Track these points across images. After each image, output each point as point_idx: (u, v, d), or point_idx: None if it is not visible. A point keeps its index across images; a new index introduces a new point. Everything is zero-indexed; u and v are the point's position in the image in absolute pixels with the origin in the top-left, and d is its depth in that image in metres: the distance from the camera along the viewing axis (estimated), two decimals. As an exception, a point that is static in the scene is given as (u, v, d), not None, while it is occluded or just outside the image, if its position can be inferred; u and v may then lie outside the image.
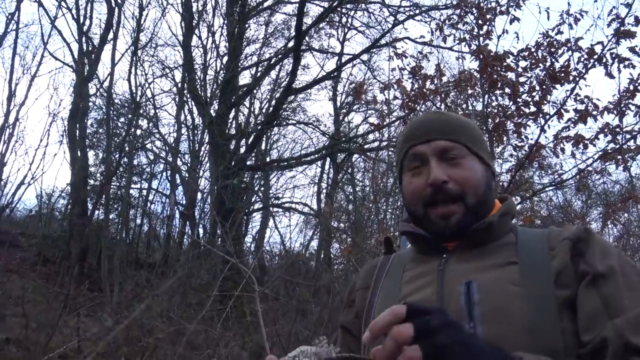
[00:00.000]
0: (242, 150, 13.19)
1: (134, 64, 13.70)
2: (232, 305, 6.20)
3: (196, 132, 14.75)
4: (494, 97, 5.17)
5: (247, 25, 13.95)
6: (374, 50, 13.79)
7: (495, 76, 4.98)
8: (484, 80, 5.07)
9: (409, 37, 10.41)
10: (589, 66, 4.61)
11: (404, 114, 5.68)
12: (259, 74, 14.97)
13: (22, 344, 5.51)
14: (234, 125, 14.32)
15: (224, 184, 10.69)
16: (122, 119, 14.10)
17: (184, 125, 15.15)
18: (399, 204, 8.10)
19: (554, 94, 4.97)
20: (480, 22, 5.18)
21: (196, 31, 14.05)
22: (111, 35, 13.09)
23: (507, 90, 5.01)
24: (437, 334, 0.69)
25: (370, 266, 1.24)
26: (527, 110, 4.98)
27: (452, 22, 5.56)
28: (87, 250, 10.64)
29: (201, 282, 7.43)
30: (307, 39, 13.31)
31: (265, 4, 14.71)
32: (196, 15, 13.95)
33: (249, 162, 13.38)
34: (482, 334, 0.88)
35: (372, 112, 14.91)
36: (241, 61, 14.03)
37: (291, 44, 13.06)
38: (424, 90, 5.49)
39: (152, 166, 15.09)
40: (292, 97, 14.30)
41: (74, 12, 13.21)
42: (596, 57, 4.56)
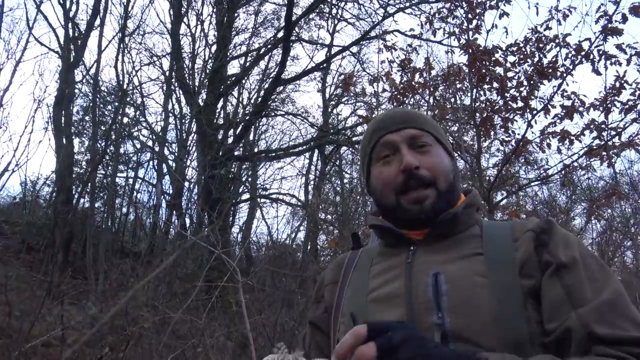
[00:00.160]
0: (230, 140, 13.13)
1: (121, 51, 13.52)
2: (218, 295, 6.20)
3: (184, 121, 14.64)
4: (482, 92, 5.21)
5: (236, 14, 13.84)
6: (364, 42, 13.74)
7: (483, 71, 5.01)
8: (472, 74, 5.10)
9: (398, 30, 10.43)
10: (577, 62, 4.66)
11: (392, 106, 5.69)
12: (247, 63, 14.89)
13: (5, 331, 5.45)
14: (222, 115, 14.27)
15: (211, 174, 10.64)
16: (108, 107, 13.94)
17: (171, 114, 15.03)
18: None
19: (542, 90, 5.03)
20: (469, 16, 5.21)
21: (185, 19, 13.95)
22: (98, 21, 12.87)
23: (495, 84, 5.05)
24: (400, 350, 0.71)
25: (338, 261, 1.24)
26: (514, 105, 5.03)
27: (441, 15, 5.58)
28: (72, 238, 10.54)
29: (187, 272, 7.41)
30: (296, 29, 13.22)
31: (255, -7, 14.61)
32: (185, 2, 13.81)
33: (236, 153, 13.32)
34: (450, 325, 0.90)
35: (361, 104, 14.91)
36: (230, 51, 13.93)
37: (281, 35, 12.97)
38: (413, 83, 5.51)
39: (139, 155, 14.94)
40: (281, 87, 14.22)
41: (60, -4, 12.99)
42: (583, 53, 4.61)
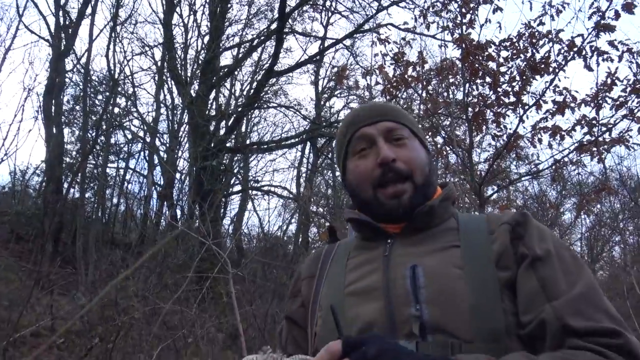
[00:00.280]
0: (222, 131, 13.05)
1: (113, 41, 13.36)
2: (209, 286, 6.20)
3: (175, 112, 14.53)
4: (474, 86, 5.22)
5: (229, 5, 13.70)
6: (357, 35, 13.69)
7: (476, 65, 5.02)
8: (465, 68, 5.11)
9: (392, 23, 10.40)
10: (569, 58, 4.68)
11: (385, 100, 5.70)
12: (240, 55, 14.78)
13: (-6, 321, 5.43)
14: (214, 106, 14.16)
15: (202, 165, 10.60)
16: (99, 97, 13.82)
17: (163, 104, 14.91)
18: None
19: (534, 85, 5.05)
20: (463, 10, 5.21)
21: (177, 9, 13.78)
22: (89, 9, 12.73)
23: (488, 79, 5.06)
24: None
25: (315, 255, 1.24)
26: (506, 100, 5.05)
27: (435, 9, 5.57)
28: (62, 228, 10.48)
29: (178, 263, 7.40)
30: (290, 21, 13.17)
31: (248, -16, 14.50)
32: (178, -8, 13.68)
33: (228, 144, 13.26)
34: (429, 316, 0.91)
35: (354, 97, 14.93)
36: (223, 41, 13.81)
37: (274, 26, 12.91)
38: (406, 76, 5.51)
39: (130, 145, 14.86)
40: (274, 79, 14.16)
41: (51, -16, 12.82)
42: (576, 49, 4.63)
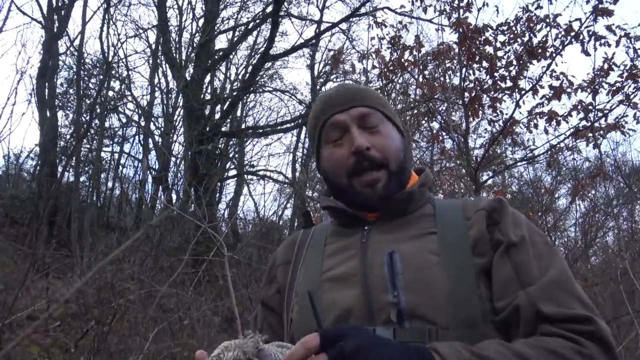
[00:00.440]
0: (217, 115, 12.98)
1: (106, 23, 13.24)
2: (205, 269, 6.22)
3: (170, 95, 14.47)
4: (471, 71, 5.21)
5: (224, -13, 13.59)
6: (354, 19, 13.59)
7: (473, 49, 5.00)
8: (462, 53, 5.09)
9: (389, 7, 10.37)
10: (566, 43, 4.67)
11: (382, 84, 5.68)
12: (235, 38, 14.65)
13: (-11, 304, 5.43)
14: (209, 90, 14.08)
15: (198, 149, 10.56)
16: (93, 80, 13.68)
17: (157, 88, 14.84)
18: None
19: (530, 70, 5.04)
20: (461, -7, 5.17)
21: (172, -9, 13.65)
22: (83, -9, 12.58)
23: (485, 64, 5.05)
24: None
25: (290, 241, 1.23)
26: (503, 85, 5.04)
27: (433, -8, 5.53)
28: (56, 212, 10.45)
29: (174, 246, 7.41)
30: (285, 4, 13.05)
31: (243, -34, 14.34)
32: (172, -26, 13.52)
33: (223, 128, 13.19)
34: (406, 303, 0.91)
35: (350, 81, 14.83)
36: (218, 24, 13.69)
37: (269, 9, 12.77)
38: (403, 60, 5.49)
39: (124, 129, 14.78)
40: (269, 63, 14.08)
41: (43, -36, 12.62)
42: (573, 34, 4.61)
